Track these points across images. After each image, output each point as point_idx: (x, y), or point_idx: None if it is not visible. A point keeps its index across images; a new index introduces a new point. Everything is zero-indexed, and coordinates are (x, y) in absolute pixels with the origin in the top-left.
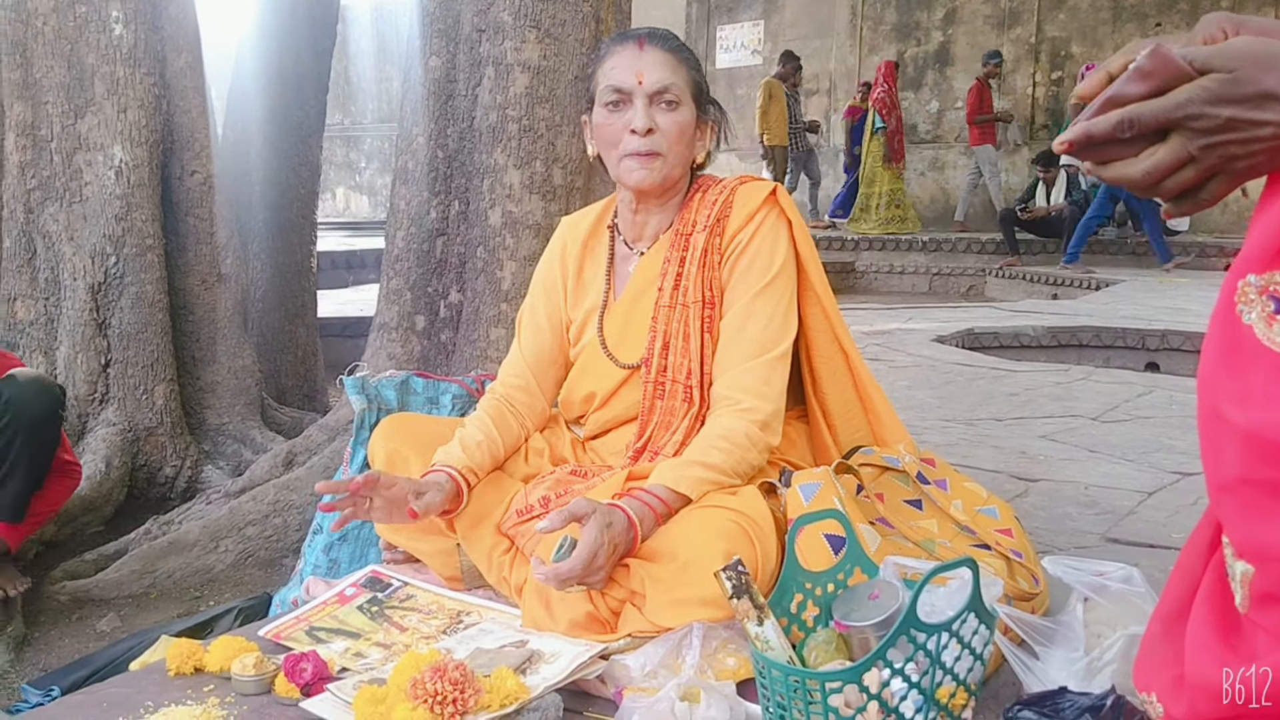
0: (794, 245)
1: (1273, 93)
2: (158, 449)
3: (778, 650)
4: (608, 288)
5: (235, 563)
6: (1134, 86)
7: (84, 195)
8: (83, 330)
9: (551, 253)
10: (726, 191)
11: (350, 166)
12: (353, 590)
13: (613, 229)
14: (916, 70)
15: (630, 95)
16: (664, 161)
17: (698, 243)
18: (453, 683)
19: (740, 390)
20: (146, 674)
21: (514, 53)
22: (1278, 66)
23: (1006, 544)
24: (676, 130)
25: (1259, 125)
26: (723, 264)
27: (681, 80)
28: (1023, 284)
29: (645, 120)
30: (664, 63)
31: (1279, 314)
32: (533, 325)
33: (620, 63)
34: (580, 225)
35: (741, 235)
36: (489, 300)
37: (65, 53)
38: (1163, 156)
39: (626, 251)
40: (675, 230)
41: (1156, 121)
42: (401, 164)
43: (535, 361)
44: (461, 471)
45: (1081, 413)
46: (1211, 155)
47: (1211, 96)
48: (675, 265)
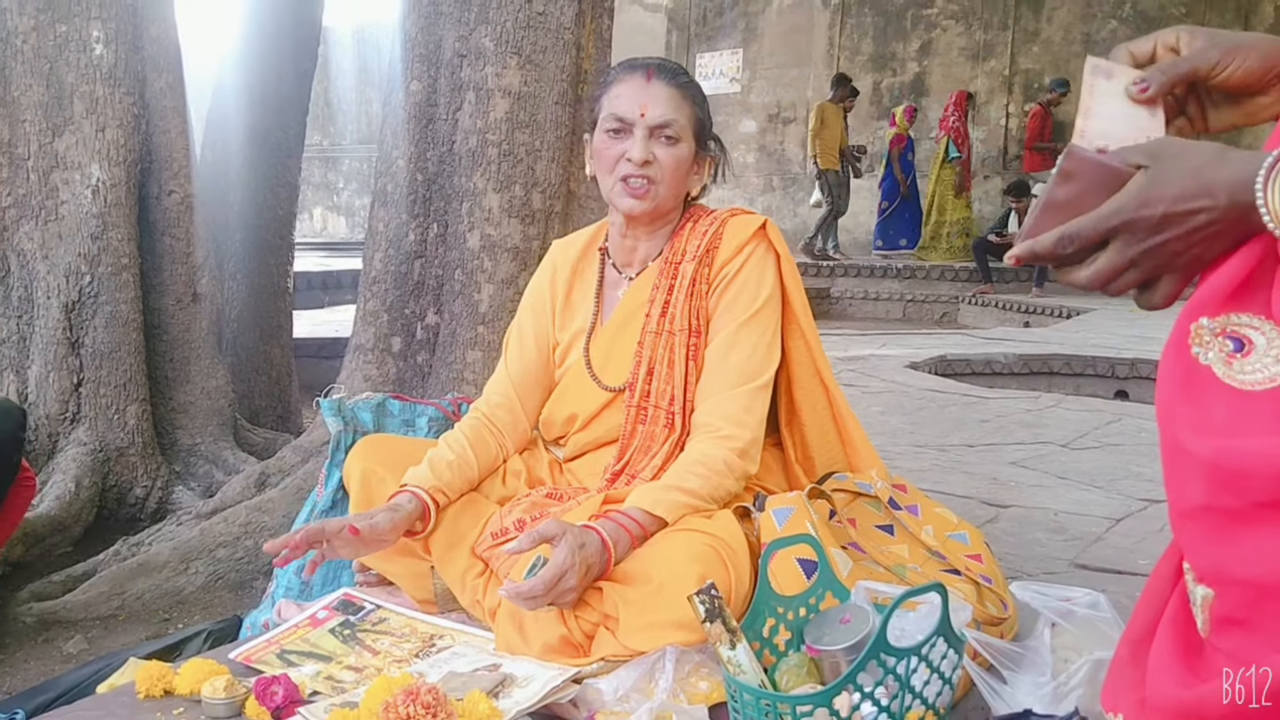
0: (780, 278)
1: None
2: (129, 469)
3: (749, 674)
4: (596, 311)
5: (205, 585)
6: (1060, 190)
7: (60, 214)
8: (55, 349)
9: (541, 274)
10: (717, 223)
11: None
12: (325, 613)
13: (604, 252)
14: (892, 100)
15: (631, 126)
16: (656, 192)
17: (686, 272)
18: (425, 706)
19: (720, 418)
20: (115, 696)
21: (495, 78)
22: (1194, 154)
23: (976, 569)
24: (673, 164)
25: (1193, 215)
26: (710, 293)
27: (684, 117)
28: (995, 311)
29: (642, 153)
30: (669, 98)
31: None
32: (519, 346)
33: (626, 91)
34: (571, 249)
35: (730, 266)
36: (466, 323)
37: (44, 71)
38: (1102, 265)
39: (616, 276)
40: (665, 258)
41: (1096, 234)
42: (381, 186)
43: (520, 382)
44: (429, 491)
45: (1052, 439)
46: (1151, 259)
47: (1141, 199)
48: (664, 293)
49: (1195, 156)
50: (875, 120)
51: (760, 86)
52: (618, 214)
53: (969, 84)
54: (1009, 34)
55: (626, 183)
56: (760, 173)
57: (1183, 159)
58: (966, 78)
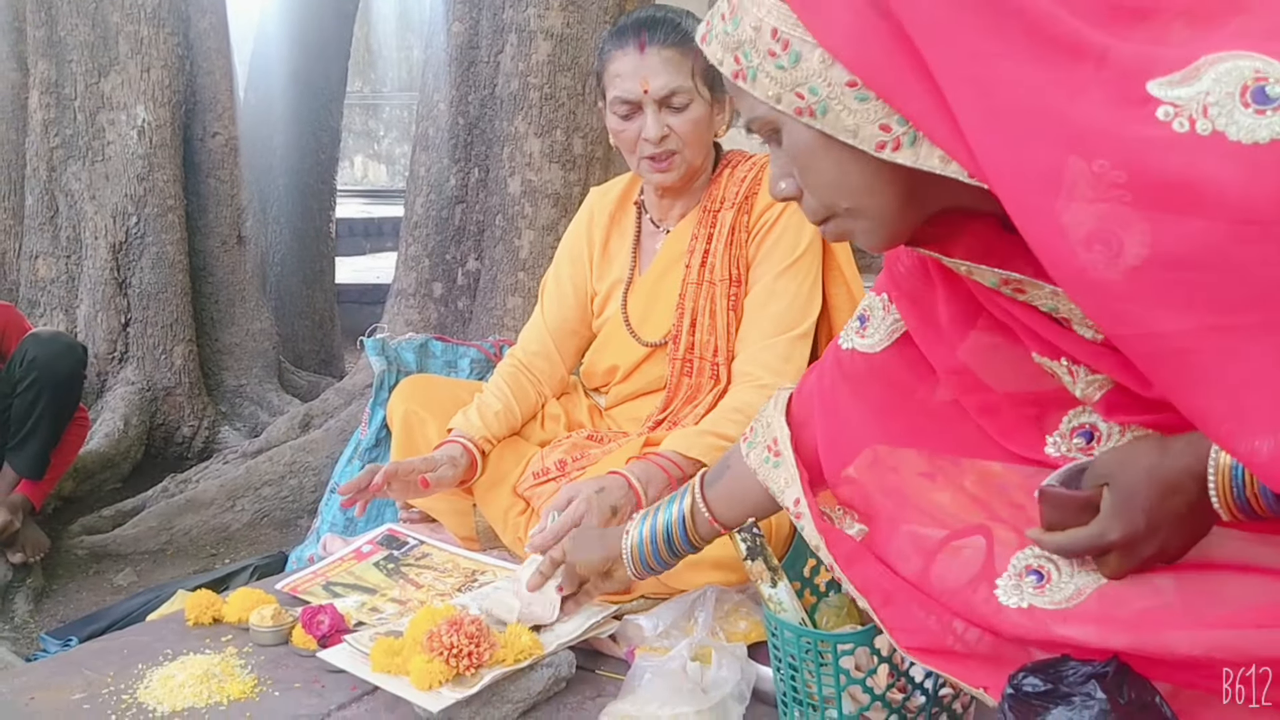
0: None
1: (1159, 480)
2: (175, 408)
3: (790, 612)
4: (633, 263)
5: (251, 522)
6: (1051, 515)
7: (106, 154)
8: (103, 289)
9: (579, 223)
10: (755, 169)
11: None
12: (369, 547)
13: (639, 206)
14: None
15: (639, 104)
16: (681, 158)
17: (725, 220)
18: (468, 636)
19: (760, 366)
20: (165, 623)
21: (537, 19)
22: (1140, 456)
23: None
24: (690, 129)
25: (1174, 510)
26: (749, 241)
27: (688, 75)
28: None
29: (657, 129)
30: (667, 64)
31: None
32: (557, 293)
33: (623, 68)
34: (609, 196)
35: (769, 213)
36: (506, 268)
37: (90, 11)
38: (1117, 568)
39: (652, 229)
40: (703, 206)
41: (1096, 551)
42: (422, 130)
43: (557, 330)
44: (477, 442)
45: None
46: (1158, 556)
47: (1121, 519)
48: (703, 243)
49: (1143, 458)
50: None
51: None
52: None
53: None
54: None
55: (651, 160)
56: None
57: (1135, 465)
58: None
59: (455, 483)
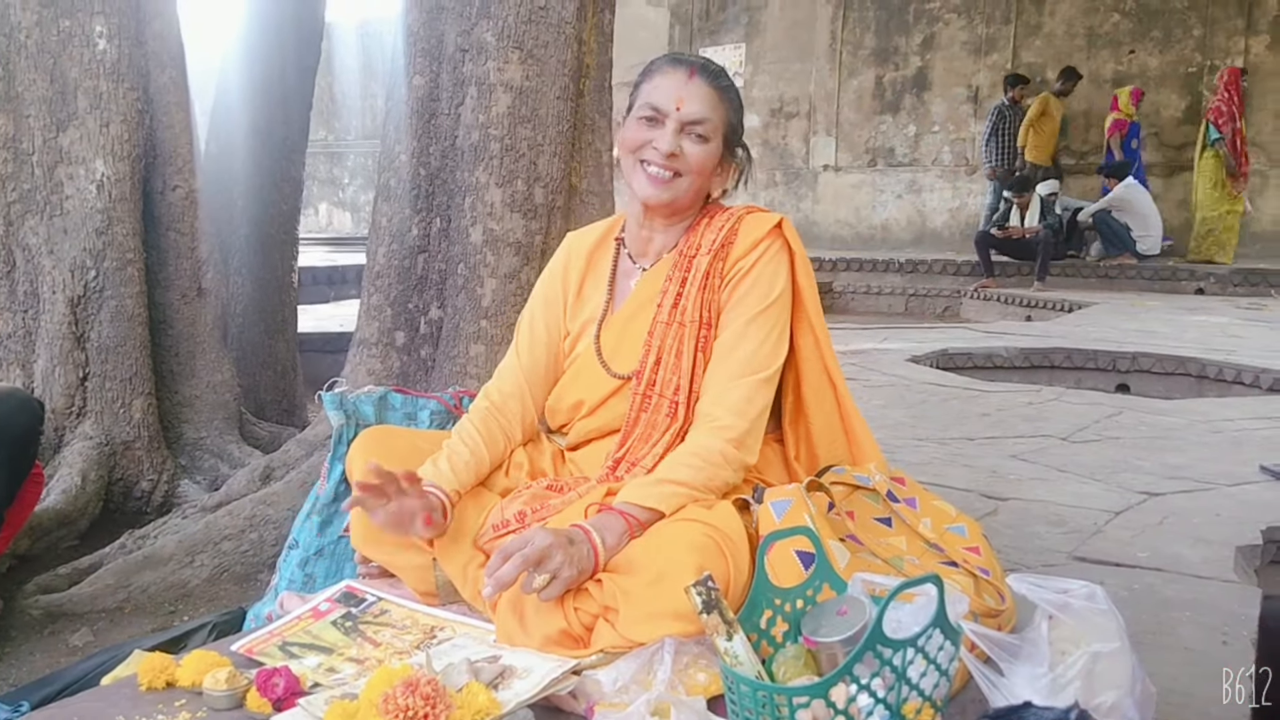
0: (794, 276)
1: None
2: (134, 463)
3: (746, 665)
4: (608, 299)
5: (211, 578)
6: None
7: (65, 209)
8: (61, 344)
9: (554, 265)
10: (733, 220)
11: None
12: (327, 605)
13: (619, 242)
14: (894, 94)
15: (665, 117)
16: (678, 186)
17: (700, 265)
18: (424, 698)
19: (721, 408)
20: (117, 688)
21: (497, 73)
22: None
23: (974, 561)
24: (699, 162)
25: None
26: (723, 287)
27: (718, 118)
28: (997, 305)
29: (670, 145)
30: (706, 97)
31: None
32: (530, 335)
33: (666, 84)
34: (585, 240)
35: (744, 262)
36: (469, 317)
37: (48, 66)
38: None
39: (630, 266)
40: (680, 251)
41: None
42: (384, 181)
43: (531, 371)
44: (449, 493)
45: (1052, 433)
46: None
47: None
48: (676, 285)
49: None
50: (877, 115)
51: (763, 81)
52: (636, 203)
53: (971, 78)
54: (1011, 28)
55: (646, 168)
56: (763, 168)
57: None
58: (969, 71)
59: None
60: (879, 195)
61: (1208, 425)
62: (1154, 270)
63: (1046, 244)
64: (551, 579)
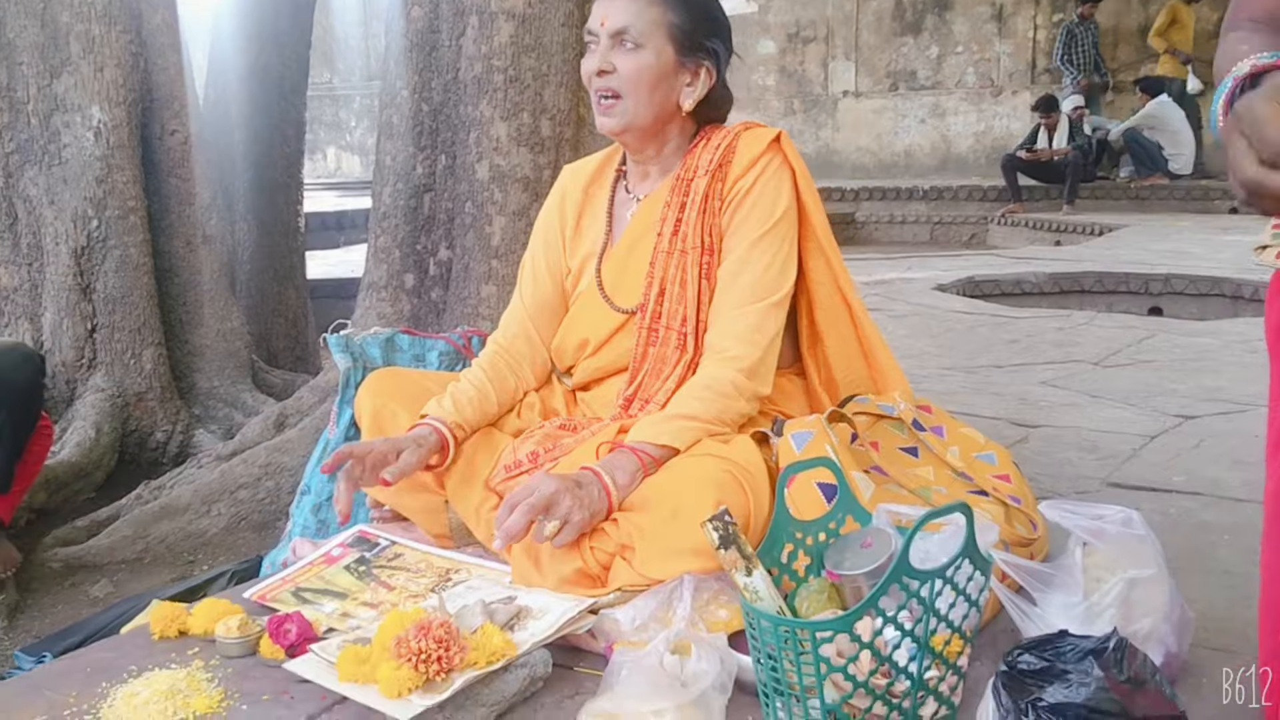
0: (797, 194)
1: None
2: (148, 414)
3: (767, 601)
4: (607, 232)
5: (228, 526)
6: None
7: (63, 158)
8: (67, 295)
9: (551, 202)
10: (730, 137)
11: (340, 126)
12: (340, 550)
13: (620, 173)
14: (915, 15)
15: (596, 38)
16: (623, 105)
17: (699, 187)
18: (437, 640)
19: (730, 338)
20: (131, 638)
21: (498, 1)
22: None
23: (1004, 489)
24: (633, 71)
25: None
26: (723, 210)
27: (646, 21)
28: (1025, 231)
29: (596, 62)
30: (629, 4)
31: None
32: (533, 276)
33: (597, 5)
34: (582, 172)
35: (743, 182)
36: (479, 256)
37: (39, 11)
38: None
39: (626, 196)
40: (677, 175)
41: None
42: (386, 118)
43: (536, 312)
44: (449, 425)
45: (1083, 358)
46: None
47: None
48: (675, 210)
49: None
50: (898, 37)
51: (779, 6)
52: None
53: None
54: None
55: (597, 100)
56: (780, 95)
57: None
58: None
59: (421, 465)
60: (901, 120)
61: (1244, 345)
62: (1186, 190)
63: (1076, 166)
64: (563, 525)
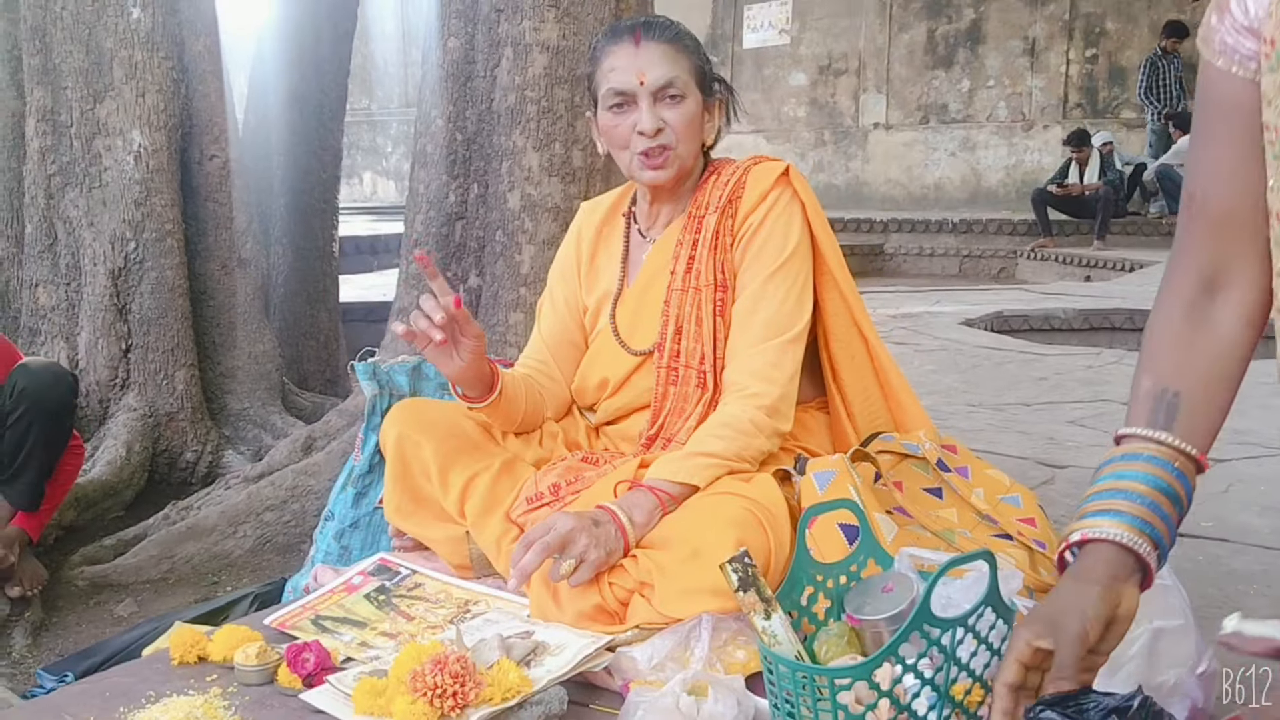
0: (809, 228)
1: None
2: (178, 434)
3: (785, 645)
4: (621, 274)
5: (253, 548)
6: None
7: (103, 180)
8: (103, 315)
9: (568, 239)
10: (739, 172)
11: (376, 151)
12: (360, 578)
13: (629, 216)
14: (947, 48)
15: (634, 97)
16: (675, 155)
17: (709, 224)
18: (453, 675)
19: (748, 375)
20: (150, 663)
21: (533, 33)
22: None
23: (1029, 534)
24: (684, 124)
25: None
26: (735, 246)
27: (683, 70)
28: (1055, 266)
29: (652, 122)
30: (663, 56)
31: None
32: (552, 311)
33: (619, 63)
34: (596, 212)
35: (753, 217)
36: (508, 284)
37: (84, 37)
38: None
39: (640, 239)
40: (688, 213)
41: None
42: (420, 147)
43: (556, 346)
44: (496, 369)
45: (1112, 397)
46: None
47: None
48: (688, 248)
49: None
50: (929, 70)
51: (810, 38)
52: (643, 184)
53: (1027, 30)
54: None
55: (646, 156)
56: (811, 127)
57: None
58: (1025, 23)
59: (476, 350)
60: (931, 153)
61: (1271, 388)
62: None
63: (1107, 201)
64: (579, 564)
